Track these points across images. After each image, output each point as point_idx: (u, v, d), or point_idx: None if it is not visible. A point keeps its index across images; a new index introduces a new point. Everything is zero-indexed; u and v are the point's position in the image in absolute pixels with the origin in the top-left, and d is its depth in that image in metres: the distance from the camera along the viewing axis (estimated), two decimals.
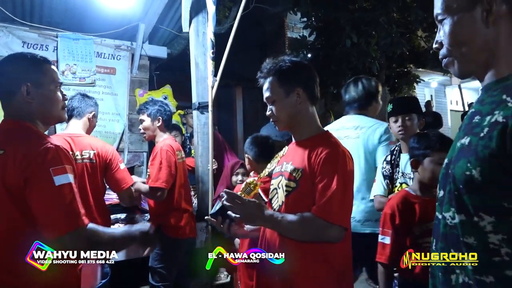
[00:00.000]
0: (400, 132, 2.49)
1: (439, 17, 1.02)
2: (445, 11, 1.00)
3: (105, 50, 4.66)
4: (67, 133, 2.66)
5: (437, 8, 1.02)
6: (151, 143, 6.01)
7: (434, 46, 1.07)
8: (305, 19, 6.81)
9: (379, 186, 2.58)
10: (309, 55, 7.32)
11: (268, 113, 1.73)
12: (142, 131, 3.08)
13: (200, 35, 3.50)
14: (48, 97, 1.50)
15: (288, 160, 1.70)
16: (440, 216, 1.01)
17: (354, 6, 6.36)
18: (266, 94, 1.70)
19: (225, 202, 1.53)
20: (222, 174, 3.65)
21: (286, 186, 1.64)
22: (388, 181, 2.56)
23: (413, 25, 7.00)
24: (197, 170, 3.57)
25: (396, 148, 2.60)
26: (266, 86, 1.70)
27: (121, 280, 2.96)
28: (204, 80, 3.46)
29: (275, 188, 1.74)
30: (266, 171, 1.82)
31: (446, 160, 1.04)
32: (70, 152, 2.58)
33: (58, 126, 3.92)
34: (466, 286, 0.91)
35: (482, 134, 0.88)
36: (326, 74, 7.03)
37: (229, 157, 3.91)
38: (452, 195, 0.95)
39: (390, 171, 2.57)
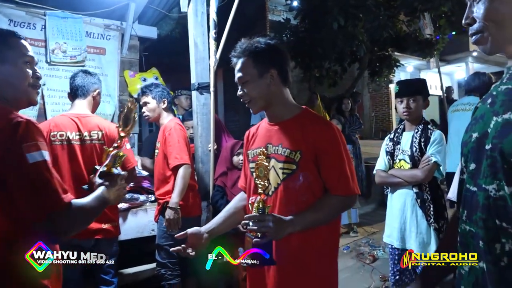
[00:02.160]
0: (404, 113, 2.62)
1: None
2: None
3: (95, 29, 4.56)
4: (73, 113, 2.64)
5: None
6: (144, 124, 5.97)
7: (465, 22, 1.09)
8: (289, 1, 6.83)
9: (381, 162, 2.74)
10: (292, 38, 7.37)
11: (239, 93, 1.70)
12: (146, 113, 3.08)
13: (199, 15, 3.49)
14: (11, 72, 1.37)
15: (274, 142, 1.69)
16: (474, 188, 1.06)
17: None
18: (238, 74, 1.67)
19: (250, 227, 1.47)
20: (220, 155, 3.69)
21: (283, 168, 1.63)
22: (389, 157, 2.71)
23: (396, 10, 7.13)
24: (196, 151, 3.59)
25: (400, 127, 2.74)
26: (239, 66, 1.67)
27: (128, 258, 2.99)
28: (203, 60, 3.47)
29: (258, 170, 1.69)
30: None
31: (475, 134, 1.10)
32: (78, 133, 2.57)
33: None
34: None
35: None
36: (310, 57, 7.10)
37: (226, 138, 3.95)
38: (496, 169, 0.99)
39: (392, 148, 2.71)
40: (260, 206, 1.51)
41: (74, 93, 2.68)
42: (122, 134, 1.65)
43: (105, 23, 4.60)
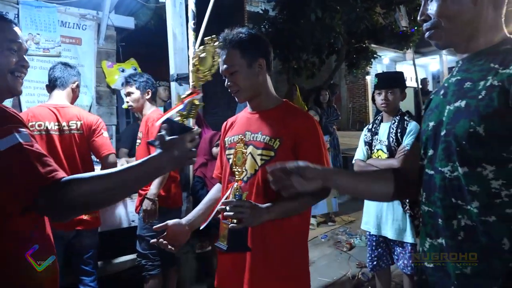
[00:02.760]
0: (382, 105, 2.72)
1: None
2: None
3: (70, 19, 4.47)
4: (52, 104, 2.62)
5: None
6: (121, 115, 5.90)
7: (420, 18, 1.19)
8: None
9: (359, 152, 2.83)
10: (270, 30, 7.38)
11: (228, 83, 1.71)
12: (130, 103, 3.07)
13: (178, 5, 3.47)
14: None
15: (253, 129, 1.73)
16: (431, 172, 1.16)
17: None
18: (225, 65, 1.67)
19: (226, 213, 1.46)
20: (199, 146, 3.71)
21: (262, 155, 1.66)
22: (368, 147, 2.79)
23: (372, 2, 7.23)
24: None
25: (378, 118, 2.83)
26: (226, 57, 1.67)
27: (109, 249, 2.99)
28: (182, 51, 3.46)
29: (236, 156, 1.71)
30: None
31: (431, 123, 1.19)
32: (56, 123, 2.55)
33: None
34: (469, 228, 1.06)
35: (480, 97, 1.03)
36: (288, 49, 7.14)
37: (205, 129, 3.95)
38: (450, 152, 1.09)
39: (370, 138, 2.80)
40: (237, 192, 1.53)
41: (53, 84, 2.67)
42: (201, 76, 1.47)
43: (80, 12, 4.52)
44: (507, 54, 1.06)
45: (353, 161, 2.86)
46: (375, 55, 8.26)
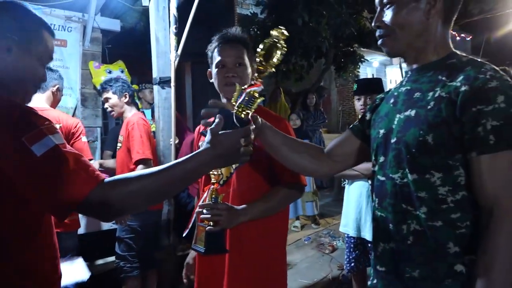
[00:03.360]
0: (362, 110, 2.79)
1: (385, 1, 1.19)
2: None
3: (55, 21, 4.47)
4: (31, 107, 2.63)
5: None
6: (105, 118, 5.90)
7: (375, 24, 1.24)
8: None
9: None
10: (259, 33, 7.42)
11: (233, 73, 1.68)
12: (109, 109, 3.09)
13: (161, 9, 3.50)
14: (29, 66, 1.21)
15: None
16: (383, 178, 1.21)
17: None
18: (233, 57, 1.68)
19: (203, 216, 1.46)
20: (180, 150, 3.75)
21: None
22: None
23: (360, 6, 7.30)
24: (158, 145, 3.62)
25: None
26: (235, 50, 1.70)
27: (88, 251, 3.01)
28: (165, 55, 3.48)
29: None
30: None
31: (382, 131, 1.24)
32: None
33: None
34: (418, 233, 1.11)
35: (429, 107, 1.09)
36: None
37: (187, 132, 3.99)
38: (400, 159, 1.14)
39: None
40: (213, 195, 1.54)
41: None
42: (261, 68, 1.38)
43: (66, 14, 4.52)
44: (453, 68, 1.12)
45: None
46: (362, 59, 8.34)
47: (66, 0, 4.31)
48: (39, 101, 2.67)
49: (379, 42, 1.24)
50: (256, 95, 1.23)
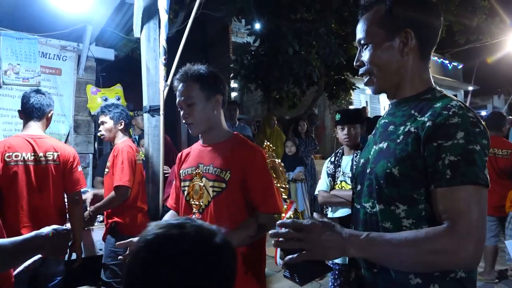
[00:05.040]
0: (345, 139, 2.87)
1: (362, 42, 1.23)
2: (369, 38, 1.22)
3: (51, 50, 4.61)
4: (28, 135, 2.68)
5: (361, 34, 1.24)
6: (100, 144, 5.94)
7: (356, 64, 1.28)
8: (249, 26, 7.09)
9: (323, 183, 2.95)
10: (253, 61, 7.62)
11: (184, 115, 1.78)
12: (102, 132, 3.16)
13: (151, 40, 3.63)
14: None
15: (205, 162, 1.80)
16: (358, 206, 1.26)
17: (296, 16, 6.73)
18: (183, 96, 1.76)
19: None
20: (169, 177, 3.81)
21: (213, 187, 1.74)
22: (331, 178, 2.91)
23: (350, 36, 7.52)
24: (147, 172, 3.68)
25: (339, 151, 2.98)
26: (185, 89, 1.77)
27: (74, 277, 3.01)
28: (155, 84, 3.58)
29: (194, 189, 1.76)
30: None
31: (362, 160, 1.30)
32: (33, 154, 2.62)
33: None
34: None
35: (398, 140, 1.14)
36: (269, 80, 7.36)
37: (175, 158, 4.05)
38: (372, 189, 1.18)
39: (333, 170, 2.92)
40: None
41: (29, 114, 2.70)
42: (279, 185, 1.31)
43: (61, 44, 4.66)
44: (426, 103, 1.16)
45: (316, 192, 2.97)
46: (353, 87, 8.51)
47: (62, 31, 4.45)
48: (35, 129, 2.71)
49: (364, 82, 1.28)
50: (298, 210, 1.20)
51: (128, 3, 4.26)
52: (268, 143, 1.40)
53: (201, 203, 1.75)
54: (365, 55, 1.23)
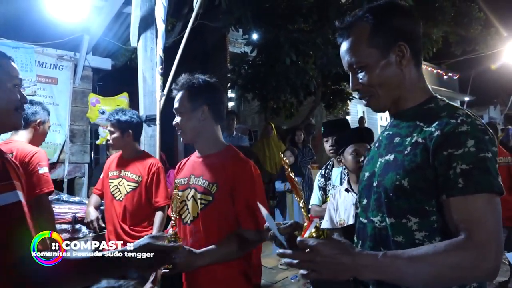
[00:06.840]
0: (331, 151, 2.82)
1: (355, 66, 1.19)
2: (363, 61, 1.17)
3: (47, 59, 4.60)
4: (2, 141, 2.64)
5: (352, 58, 1.19)
6: (102, 150, 5.88)
7: (354, 88, 1.23)
8: (246, 36, 7.10)
9: (315, 197, 2.90)
10: (250, 71, 7.62)
11: (174, 123, 1.81)
12: (110, 142, 2.96)
13: (148, 50, 3.62)
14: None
15: (196, 173, 1.79)
16: (365, 221, 1.22)
17: (293, 26, 6.74)
18: (175, 105, 1.80)
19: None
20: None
21: (201, 199, 1.72)
22: (322, 192, 2.87)
23: None
24: None
25: (329, 163, 2.93)
26: (177, 98, 1.81)
27: None
28: (152, 94, 3.57)
29: (184, 201, 1.77)
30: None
31: (367, 173, 1.26)
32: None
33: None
34: None
35: (406, 152, 1.11)
36: (266, 89, 7.36)
37: (171, 173, 4.02)
38: (381, 202, 1.15)
39: (324, 183, 2.88)
40: (172, 238, 1.55)
41: None
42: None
43: (58, 53, 4.65)
44: (431, 113, 1.14)
45: (309, 206, 2.91)
46: (350, 97, 8.51)
47: (59, 40, 4.44)
48: (18, 136, 2.66)
49: (364, 103, 1.24)
50: (319, 225, 1.09)
51: (125, 13, 4.27)
52: (283, 156, 1.33)
53: (185, 215, 1.75)
54: (364, 78, 1.19)
